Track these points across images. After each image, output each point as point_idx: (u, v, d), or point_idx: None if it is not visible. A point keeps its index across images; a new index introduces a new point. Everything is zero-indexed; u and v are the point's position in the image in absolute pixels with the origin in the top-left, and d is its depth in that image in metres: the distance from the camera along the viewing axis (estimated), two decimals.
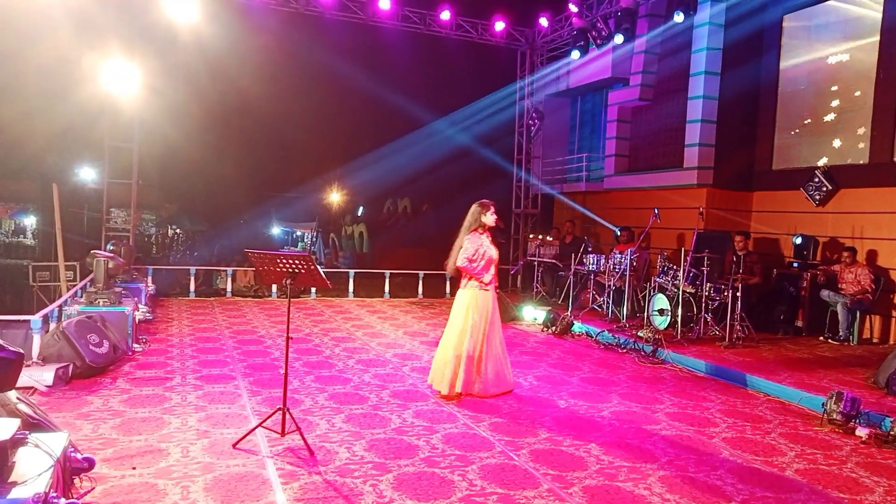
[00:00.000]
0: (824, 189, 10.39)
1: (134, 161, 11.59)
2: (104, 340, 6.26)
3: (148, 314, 8.73)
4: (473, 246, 5.95)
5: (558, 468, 4.36)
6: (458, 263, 5.97)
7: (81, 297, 7.58)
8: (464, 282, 6.09)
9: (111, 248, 8.68)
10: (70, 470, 3.25)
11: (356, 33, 14.04)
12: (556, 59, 15.31)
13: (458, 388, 5.88)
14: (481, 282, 6.00)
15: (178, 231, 25.74)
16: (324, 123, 19.40)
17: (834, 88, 10.74)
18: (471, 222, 6.06)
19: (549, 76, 15.55)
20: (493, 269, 6.07)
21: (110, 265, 7.20)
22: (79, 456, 3.38)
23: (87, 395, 5.46)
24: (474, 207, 6.09)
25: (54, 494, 2.70)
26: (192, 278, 11.89)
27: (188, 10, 10.85)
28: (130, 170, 11.67)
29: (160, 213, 26.08)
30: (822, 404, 5.63)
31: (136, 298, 8.04)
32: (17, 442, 2.78)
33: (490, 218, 6.03)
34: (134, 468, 4.02)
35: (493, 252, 6.07)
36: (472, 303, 5.98)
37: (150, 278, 11.25)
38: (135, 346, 7.11)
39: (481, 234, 6.03)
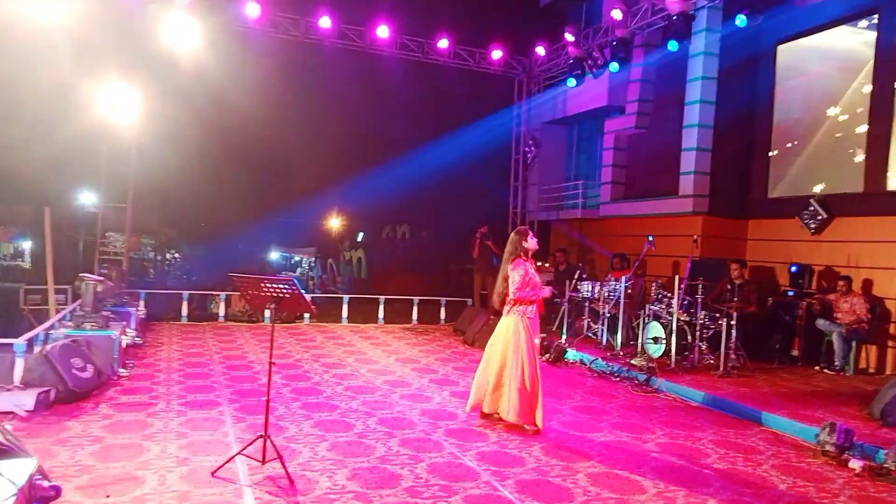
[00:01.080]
0: (819, 217, 10.36)
1: (129, 185, 11.61)
2: (88, 365, 6.19)
3: (137, 338, 8.65)
4: (519, 273, 5.93)
5: (544, 499, 4.26)
6: (514, 296, 5.93)
7: (69, 320, 7.52)
8: (506, 308, 6.05)
9: (102, 271, 8.63)
10: (36, 498, 3.17)
11: (356, 60, 14.16)
12: (552, 87, 15.42)
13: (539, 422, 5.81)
14: (531, 304, 5.94)
15: (176, 256, 25.70)
16: (324, 149, 19.47)
17: (829, 117, 10.77)
18: (511, 251, 6.08)
19: (545, 104, 15.63)
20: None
21: (98, 288, 7.15)
22: (46, 483, 3.31)
23: (68, 421, 5.37)
24: (512, 236, 6.14)
25: None
26: (186, 303, 11.82)
27: (189, 37, 10.97)
28: (126, 194, 11.69)
29: (158, 238, 26.07)
30: (816, 436, 5.53)
31: (124, 322, 7.98)
32: None
33: (532, 242, 6.06)
34: (108, 496, 3.93)
35: (538, 278, 6.07)
36: (520, 329, 5.92)
37: (142, 302, 11.18)
38: (121, 370, 7.02)
39: (525, 260, 6.02)
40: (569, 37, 12.89)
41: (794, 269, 10.28)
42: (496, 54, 14.08)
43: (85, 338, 6.55)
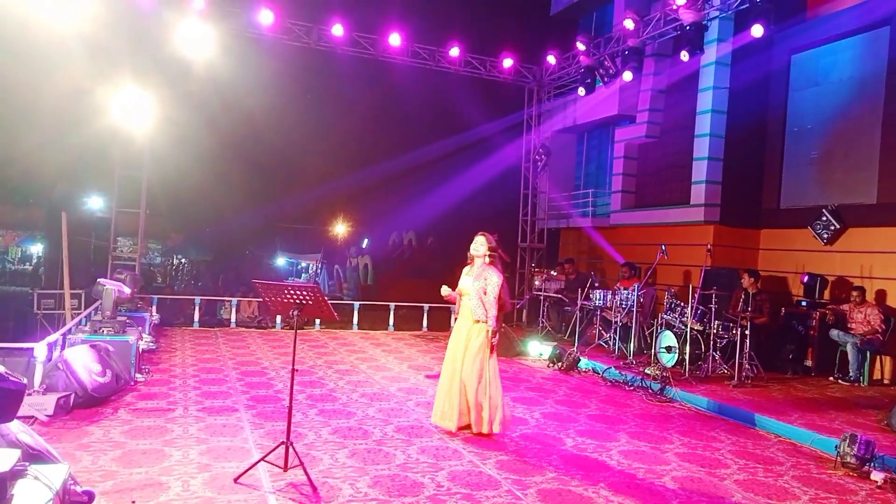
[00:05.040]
0: (832, 228, 10.35)
1: (142, 190, 11.66)
2: (107, 370, 6.20)
3: (151, 344, 8.67)
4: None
5: None
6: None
7: (85, 325, 7.53)
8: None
9: (118, 276, 8.66)
10: (70, 503, 3.17)
11: (367, 67, 14.22)
12: (563, 96, 15.47)
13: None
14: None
15: (183, 261, 25.76)
16: (332, 155, 19.52)
17: (842, 127, 10.78)
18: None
19: (556, 112, 15.67)
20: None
21: (117, 294, 7.17)
22: (79, 489, 3.31)
23: (88, 426, 5.39)
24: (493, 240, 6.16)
25: None
26: (197, 308, 11.84)
27: (203, 43, 11.04)
28: (138, 199, 11.73)
29: (166, 243, 26.12)
30: (836, 447, 5.51)
31: (139, 328, 7.99)
32: (16, 474, 2.72)
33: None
34: (133, 502, 3.94)
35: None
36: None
37: (154, 307, 11.21)
38: (137, 375, 7.04)
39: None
40: (580, 46, 12.91)
41: (806, 279, 10.26)
42: (507, 63, 14.11)
43: (103, 343, 6.57)
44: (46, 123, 10.71)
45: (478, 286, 5.90)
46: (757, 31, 9.74)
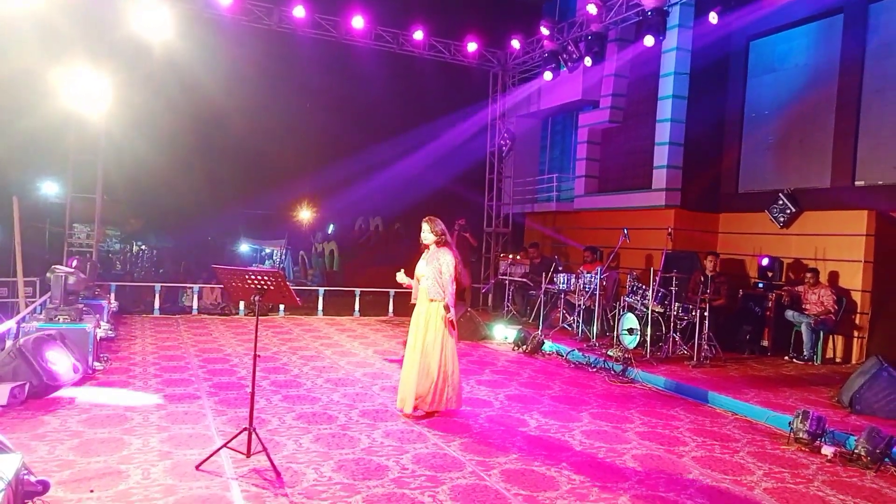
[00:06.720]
0: (788, 211, 10.62)
1: (98, 175, 11.35)
2: (63, 358, 6.05)
3: (110, 332, 8.48)
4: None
5: (530, 488, 4.32)
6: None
7: (40, 313, 7.34)
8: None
9: (74, 263, 8.44)
10: (23, 493, 3.11)
11: (330, 51, 14.02)
12: (527, 81, 15.49)
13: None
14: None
15: (143, 247, 25.23)
16: (296, 140, 19.26)
17: (797, 113, 11.02)
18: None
19: (520, 97, 15.70)
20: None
21: (71, 281, 6.99)
22: (33, 479, 3.24)
23: (44, 416, 5.26)
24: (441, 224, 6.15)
25: None
26: (157, 295, 11.62)
27: (160, 25, 10.74)
28: (95, 184, 11.42)
29: (125, 229, 25.53)
30: (789, 423, 5.69)
31: (97, 315, 7.81)
32: None
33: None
34: (92, 491, 3.87)
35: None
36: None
37: (112, 295, 10.97)
38: (95, 364, 6.89)
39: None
40: (544, 30, 12.93)
41: (764, 261, 10.51)
42: (471, 47, 14.06)
43: (59, 331, 6.41)
44: None
45: (433, 268, 5.93)
46: (713, 18, 9.88)
